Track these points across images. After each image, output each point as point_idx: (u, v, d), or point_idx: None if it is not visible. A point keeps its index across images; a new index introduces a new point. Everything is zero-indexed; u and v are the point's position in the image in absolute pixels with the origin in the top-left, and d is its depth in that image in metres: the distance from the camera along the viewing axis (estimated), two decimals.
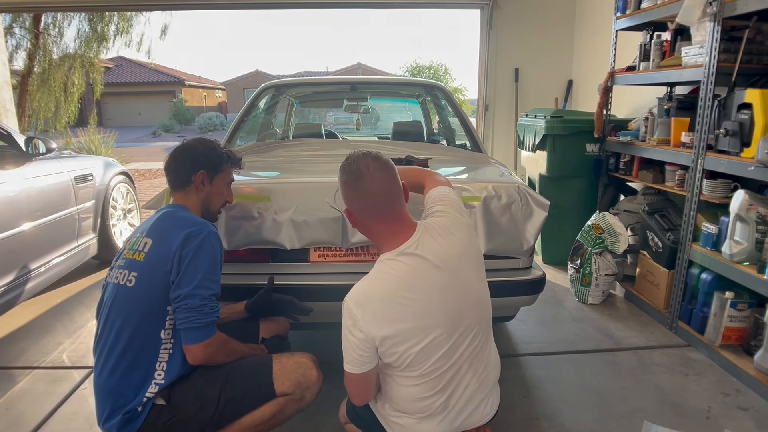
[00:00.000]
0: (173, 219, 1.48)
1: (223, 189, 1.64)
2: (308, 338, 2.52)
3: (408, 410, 1.31)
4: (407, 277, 1.24)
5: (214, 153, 1.61)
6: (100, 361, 1.38)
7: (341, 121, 7.26)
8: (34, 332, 2.69)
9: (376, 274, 1.27)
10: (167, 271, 1.36)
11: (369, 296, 1.24)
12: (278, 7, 5.44)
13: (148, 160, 12.44)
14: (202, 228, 1.42)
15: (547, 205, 1.89)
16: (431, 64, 18.31)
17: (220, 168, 1.61)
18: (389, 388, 1.33)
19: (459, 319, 1.27)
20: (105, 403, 1.35)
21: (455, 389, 1.30)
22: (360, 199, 1.30)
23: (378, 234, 1.32)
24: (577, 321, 2.81)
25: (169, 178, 1.59)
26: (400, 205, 1.31)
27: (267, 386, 1.41)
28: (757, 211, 2.09)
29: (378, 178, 1.28)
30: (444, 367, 1.26)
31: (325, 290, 1.83)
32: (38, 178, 2.81)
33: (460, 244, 1.31)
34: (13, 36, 7.96)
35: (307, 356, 1.50)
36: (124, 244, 1.51)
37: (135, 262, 1.40)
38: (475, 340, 1.31)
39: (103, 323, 1.41)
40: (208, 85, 31.99)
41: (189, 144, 1.61)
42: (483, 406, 1.35)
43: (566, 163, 3.46)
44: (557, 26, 4.91)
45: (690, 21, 2.37)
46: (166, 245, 1.38)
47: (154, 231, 1.44)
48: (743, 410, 1.97)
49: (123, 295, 1.39)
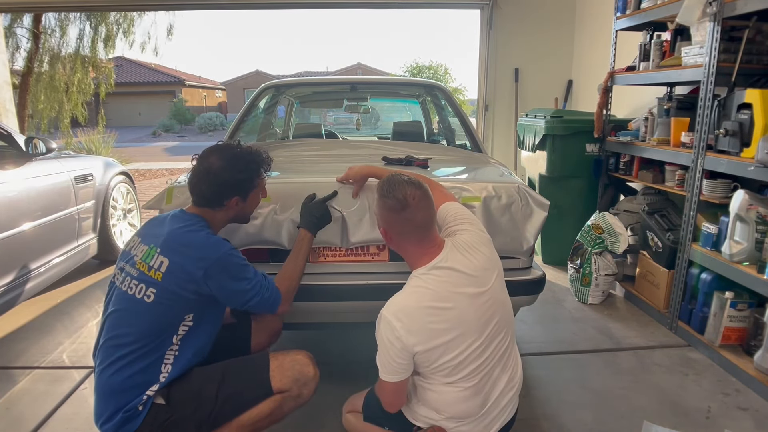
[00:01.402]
0: (189, 242, 1.41)
1: (257, 198, 1.60)
2: (307, 338, 2.52)
3: (447, 412, 1.37)
4: (441, 288, 1.32)
5: (247, 175, 1.52)
6: (106, 361, 1.36)
7: (341, 121, 7.26)
8: (34, 332, 2.69)
9: (412, 288, 1.35)
10: (192, 291, 1.38)
11: (406, 309, 1.32)
12: (278, 7, 5.44)
13: (148, 160, 12.45)
14: (216, 253, 1.40)
15: (547, 205, 1.89)
16: (431, 64, 18.32)
17: (253, 185, 1.56)
18: (426, 393, 1.38)
19: (489, 323, 1.35)
20: (108, 403, 1.34)
21: (491, 389, 1.38)
22: (402, 225, 1.37)
23: (412, 253, 1.40)
24: (576, 321, 2.81)
25: (195, 197, 1.51)
26: (435, 228, 1.41)
27: (264, 384, 1.42)
28: (757, 211, 2.09)
29: (421, 207, 1.35)
30: (478, 369, 1.35)
31: (325, 290, 1.83)
32: (38, 178, 2.82)
33: (485, 258, 1.40)
34: (14, 36, 7.96)
35: (304, 353, 1.50)
36: (133, 246, 1.46)
37: (151, 279, 1.37)
38: (503, 341, 1.40)
39: (111, 327, 1.39)
40: (208, 85, 31.98)
41: (218, 169, 1.47)
42: (512, 404, 1.44)
43: (566, 163, 3.46)
44: (557, 26, 4.91)
45: (690, 21, 2.37)
46: (187, 273, 1.37)
47: (170, 251, 1.39)
48: (743, 410, 1.97)
49: (139, 308, 1.37)
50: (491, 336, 1.35)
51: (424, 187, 1.38)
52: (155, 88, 26.67)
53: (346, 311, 1.91)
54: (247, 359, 1.51)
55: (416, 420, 1.41)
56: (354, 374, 2.12)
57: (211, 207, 1.50)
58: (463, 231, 1.45)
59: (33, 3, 5.67)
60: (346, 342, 2.49)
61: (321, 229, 1.71)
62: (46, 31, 8.17)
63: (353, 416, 1.56)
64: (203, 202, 1.50)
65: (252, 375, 1.44)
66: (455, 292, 1.32)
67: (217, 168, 1.48)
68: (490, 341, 1.35)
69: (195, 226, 1.46)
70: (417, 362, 1.34)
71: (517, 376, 1.45)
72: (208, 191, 1.48)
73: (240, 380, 1.42)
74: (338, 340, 2.52)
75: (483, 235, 1.47)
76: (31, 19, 7.88)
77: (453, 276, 1.33)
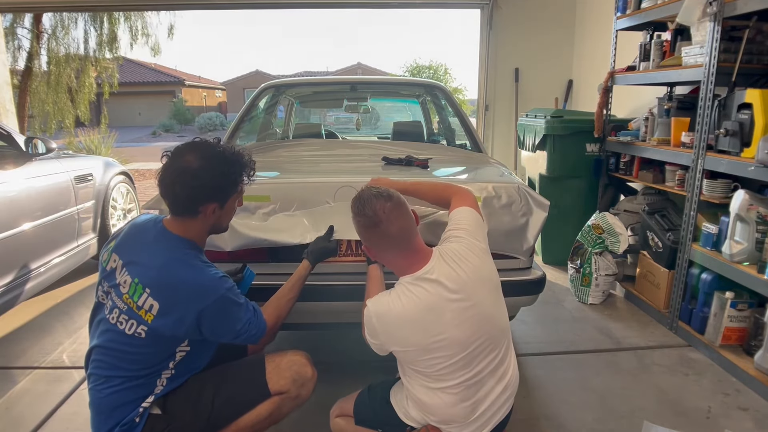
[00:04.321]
0: (182, 284, 1.28)
1: (234, 206, 1.43)
2: (306, 338, 2.52)
3: (435, 415, 1.37)
4: (425, 301, 1.31)
5: (228, 180, 1.35)
6: (99, 378, 1.32)
7: (341, 121, 7.24)
8: (34, 332, 2.69)
9: (397, 295, 1.34)
10: (184, 332, 1.31)
11: (388, 313, 1.33)
12: (278, 7, 5.44)
13: (148, 160, 12.44)
14: (213, 296, 1.29)
15: (547, 205, 1.89)
16: (431, 63, 18.31)
17: (235, 190, 1.39)
18: (416, 393, 1.38)
19: (473, 339, 1.32)
20: (105, 419, 1.31)
21: (484, 397, 1.37)
22: (379, 240, 1.36)
23: (397, 264, 1.39)
24: (577, 321, 2.81)
25: (167, 202, 1.34)
26: (415, 236, 1.38)
27: (261, 386, 1.41)
28: (757, 211, 2.09)
29: (394, 218, 1.32)
30: (466, 381, 1.33)
31: (324, 290, 1.82)
32: (38, 178, 2.81)
33: (472, 268, 1.36)
34: (15, 36, 7.95)
35: (300, 353, 1.49)
36: (116, 268, 1.33)
37: (141, 318, 1.27)
38: (495, 358, 1.37)
39: (103, 356, 1.32)
40: (208, 85, 31.96)
41: (196, 170, 1.28)
42: (507, 405, 1.43)
43: (566, 163, 3.46)
44: (557, 26, 4.91)
45: (690, 21, 2.37)
46: (179, 317, 1.27)
47: (161, 294, 1.27)
48: (743, 410, 1.97)
49: (132, 343, 1.30)
50: (477, 351, 1.33)
51: (395, 198, 1.35)
52: (155, 88, 26.64)
53: (341, 311, 1.91)
54: (243, 362, 1.49)
55: (409, 419, 1.41)
56: (349, 374, 2.12)
57: (183, 216, 1.34)
58: (454, 239, 1.41)
59: (33, 3, 5.67)
60: (341, 342, 2.49)
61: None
62: (47, 31, 8.17)
63: (343, 420, 1.53)
64: (178, 210, 1.34)
65: (248, 378, 1.42)
66: (441, 306, 1.30)
67: (195, 168, 1.29)
68: (477, 356, 1.33)
69: (185, 256, 1.32)
70: (400, 358, 1.39)
71: (513, 381, 1.44)
72: (182, 194, 1.30)
73: (236, 384, 1.41)
74: (333, 340, 2.52)
75: (474, 243, 1.41)
76: (31, 19, 7.88)
77: (437, 289, 1.31)
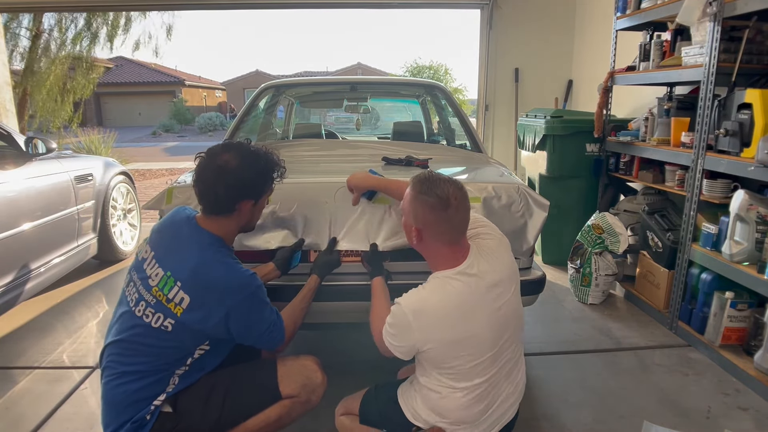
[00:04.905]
0: (215, 281, 1.32)
1: (264, 204, 1.51)
2: (308, 339, 2.52)
3: (449, 417, 1.36)
4: (466, 296, 1.29)
5: (263, 178, 1.43)
6: (114, 372, 1.34)
7: (341, 121, 7.24)
8: (34, 332, 2.69)
9: (435, 288, 1.30)
10: (211, 327, 1.33)
11: (426, 307, 1.28)
12: (278, 7, 5.43)
13: (148, 160, 12.45)
14: (243, 293, 1.33)
15: (547, 205, 1.89)
16: (431, 64, 18.31)
17: (268, 187, 1.47)
18: (430, 393, 1.37)
19: (502, 335, 1.33)
20: (116, 415, 1.32)
21: (495, 398, 1.36)
22: (439, 224, 1.30)
23: (442, 254, 1.34)
24: (576, 321, 2.81)
25: (203, 203, 1.39)
26: (466, 231, 1.36)
27: (272, 389, 1.41)
28: (757, 211, 2.09)
29: (462, 209, 1.30)
30: (487, 380, 1.33)
31: (324, 290, 1.82)
32: (38, 178, 2.82)
33: (505, 265, 1.37)
34: (14, 36, 7.95)
35: (311, 358, 1.49)
36: (147, 260, 1.37)
37: (170, 311, 1.31)
38: (514, 354, 1.38)
39: (125, 349, 1.34)
40: (208, 85, 31.98)
41: (235, 168, 1.35)
42: (513, 408, 1.43)
43: (566, 163, 3.46)
44: (557, 26, 4.90)
45: (690, 21, 2.37)
46: (208, 311, 1.31)
47: (193, 289, 1.31)
48: (743, 410, 1.97)
49: (159, 336, 1.32)
50: (502, 348, 1.34)
51: (464, 189, 1.33)
52: (155, 88, 26.66)
53: (346, 311, 1.91)
54: (255, 364, 1.49)
55: (417, 420, 1.41)
56: (353, 375, 2.11)
57: (222, 214, 1.39)
58: (486, 236, 1.40)
59: (33, 3, 5.67)
60: (342, 342, 2.49)
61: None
62: (46, 31, 8.18)
63: (348, 419, 1.53)
64: (216, 208, 1.38)
65: (260, 380, 1.42)
66: (479, 302, 1.29)
67: (234, 166, 1.35)
68: (501, 353, 1.34)
69: (218, 253, 1.36)
70: (426, 358, 1.32)
71: (521, 384, 1.45)
72: (223, 193, 1.35)
73: (247, 386, 1.41)
74: (334, 341, 2.52)
75: (504, 240, 1.43)
76: (30, 18, 7.88)
77: (478, 284, 1.29)
